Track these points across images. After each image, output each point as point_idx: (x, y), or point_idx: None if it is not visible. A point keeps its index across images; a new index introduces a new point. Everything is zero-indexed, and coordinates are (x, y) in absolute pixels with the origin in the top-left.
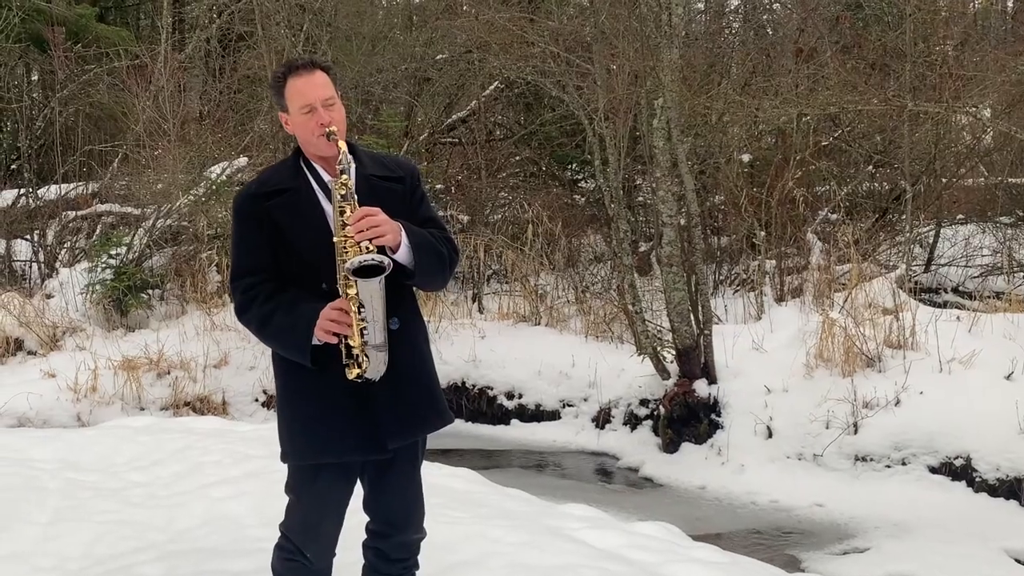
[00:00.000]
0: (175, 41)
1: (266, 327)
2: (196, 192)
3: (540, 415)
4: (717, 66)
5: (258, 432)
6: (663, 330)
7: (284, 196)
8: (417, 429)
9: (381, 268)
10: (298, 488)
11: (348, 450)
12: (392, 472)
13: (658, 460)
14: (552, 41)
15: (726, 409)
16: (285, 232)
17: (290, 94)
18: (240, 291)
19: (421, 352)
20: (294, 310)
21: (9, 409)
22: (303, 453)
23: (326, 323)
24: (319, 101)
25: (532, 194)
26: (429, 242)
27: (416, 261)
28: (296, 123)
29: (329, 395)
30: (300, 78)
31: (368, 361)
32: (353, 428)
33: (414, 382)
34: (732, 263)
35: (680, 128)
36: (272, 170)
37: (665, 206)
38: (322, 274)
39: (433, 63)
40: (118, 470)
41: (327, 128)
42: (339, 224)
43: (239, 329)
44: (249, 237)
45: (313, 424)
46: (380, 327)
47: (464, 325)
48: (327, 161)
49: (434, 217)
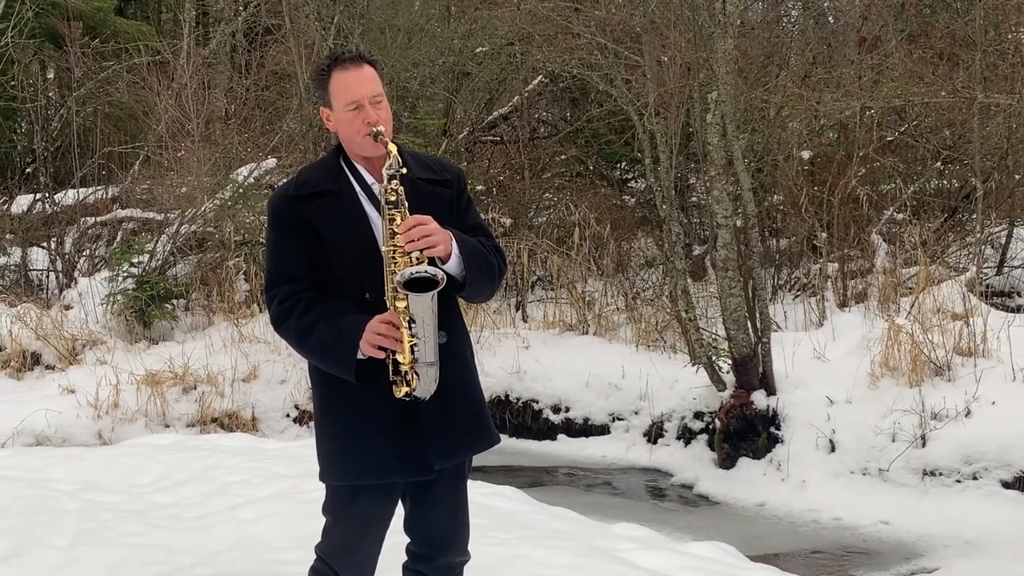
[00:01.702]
0: (198, 36)
1: (307, 340)
2: (222, 196)
3: (588, 429)
4: (775, 57)
5: (289, 450)
6: (719, 338)
7: (325, 199)
8: (464, 449)
9: (434, 282)
10: (336, 508)
11: (392, 471)
12: (436, 491)
13: (714, 476)
14: (599, 32)
15: (786, 422)
16: (325, 238)
17: (335, 88)
18: (277, 301)
19: (468, 367)
20: (337, 322)
21: (26, 427)
22: (344, 473)
23: (374, 337)
24: (367, 98)
25: (579, 195)
26: (480, 252)
27: (467, 272)
28: (340, 120)
29: (372, 412)
30: (347, 71)
31: (418, 379)
32: (397, 448)
33: (461, 399)
34: (792, 267)
35: (735, 123)
36: (310, 170)
37: (720, 207)
38: (365, 284)
39: (473, 56)
40: (141, 491)
41: (374, 128)
42: (388, 233)
43: (269, 341)
44: (286, 243)
45: (355, 443)
46: (432, 343)
47: (507, 335)
48: (371, 162)
49: (482, 224)
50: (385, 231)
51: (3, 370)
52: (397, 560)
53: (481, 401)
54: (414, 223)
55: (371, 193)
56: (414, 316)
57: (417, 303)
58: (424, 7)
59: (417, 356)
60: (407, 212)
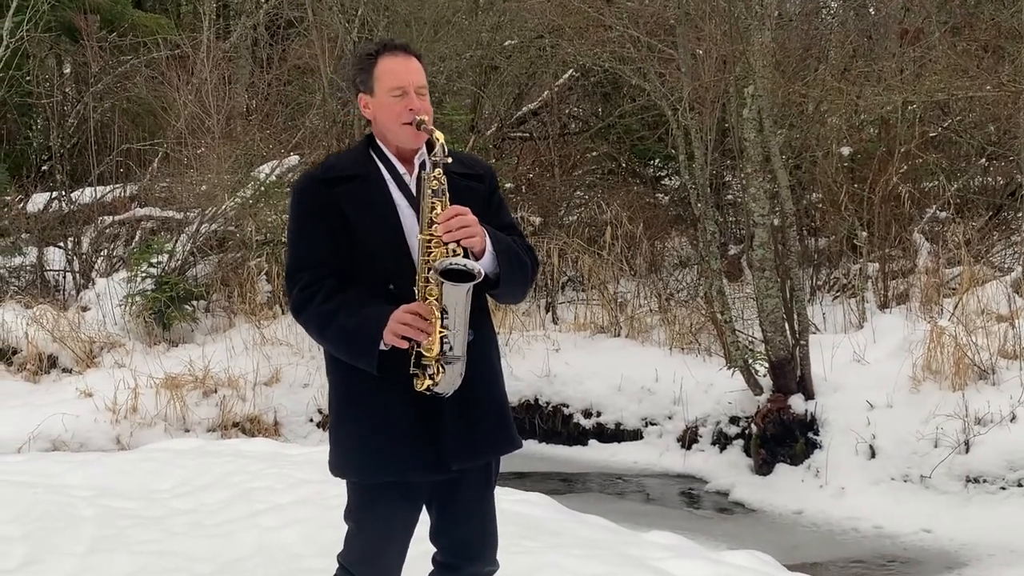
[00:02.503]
0: (219, 29)
1: (327, 328)
2: (243, 194)
3: (620, 435)
4: (813, 50)
5: (312, 455)
6: (755, 341)
7: (352, 184)
8: (485, 451)
9: (471, 275)
10: (358, 514)
11: (410, 469)
12: (463, 497)
13: (750, 483)
14: (632, 24)
15: (825, 427)
16: (351, 223)
17: (381, 73)
18: (298, 287)
19: (493, 368)
20: (360, 310)
21: (43, 432)
22: (361, 470)
23: (399, 326)
24: (413, 87)
25: (610, 193)
26: (513, 250)
27: (500, 270)
28: (381, 105)
29: (391, 407)
30: (396, 59)
31: (443, 373)
32: (416, 445)
33: (485, 400)
34: (831, 267)
35: (773, 119)
36: (338, 156)
37: (757, 205)
38: (390, 273)
39: (501, 50)
40: (160, 497)
41: (417, 116)
42: (426, 221)
43: (292, 343)
44: (310, 227)
45: (375, 439)
46: (461, 338)
47: (537, 337)
48: (403, 152)
49: (514, 224)
50: (424, 219)
51: (19, 373)
52: (422, 571)
53: (505, 404)
54: (454, 213)
55: (401, 181)
56: (447, 307)
57: (452, 294)
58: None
59: (446, 349)
60: (448, 202)
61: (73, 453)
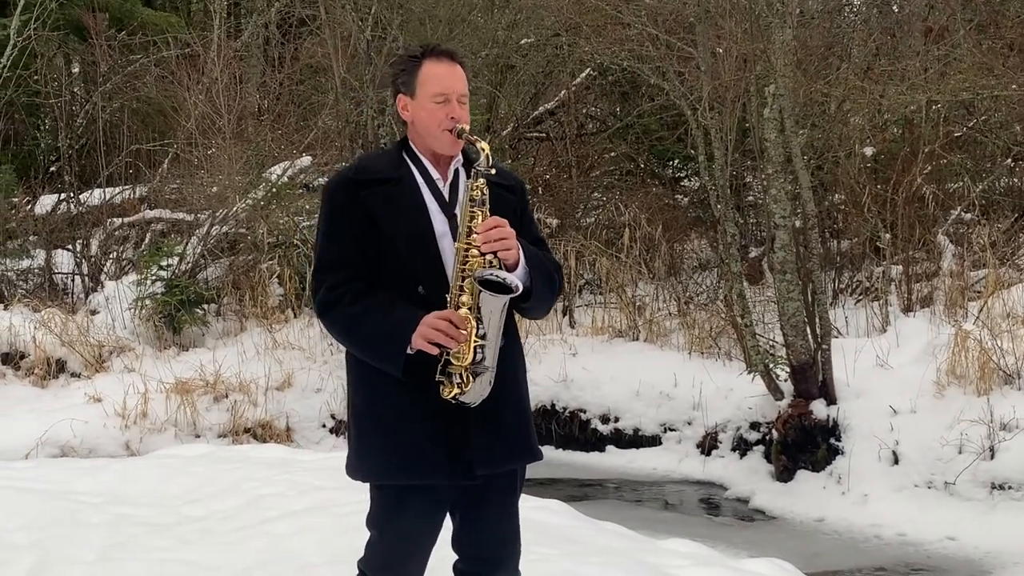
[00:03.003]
0: (230, 27)
1: (355, 330)
2: (255, 195)
3: (638, 440)
4: (836, 48)
5: (325, 461)
6: (776, 345)
7: (384, 186)
8: (508, 458)
9: (509, 288)
10: (380, 519)
11: (433, 471)
12: (487, 504)
13: (771, 490)
14: (650, 22)
15: (847, 432)
16: (381, 225)
17: (425, 77)
18: (326, 287)
19: (519, 378)
20: (390, 313)
21: (51, 437)
22: (382, 471)
23: (430, 332)
24: (455, 94)
25: (629, 194)
26: (545, 266)
27: (531, 284)
28: (422, 109)
29: (416, 410)
30: (441, 64)
31: (471, 383)
32: (440, 449)
33: (510, 408)
34: (853, 269)
35: (794, 118)
36: (371, 157)
37: (778, 206)
38: (420, 276)
39: (517, 48)
40: (171, 503)
41: (458, 124)
42: (465, 230)
43: (304, 348)
44: (340, 228)
45: (396, 440)
46: (494, 349)
47: (553, 341)
48: (437, 157)
49: (543, 239)
50: (462, 227)
51: (27, 378)
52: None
53: (529, 414)
54: (494, 224)
55: (434, 187)
56: (483, 317)
57: (490, 304)
58: None
59: (478, 359)
60: (488, 213)
61: (82, 459)
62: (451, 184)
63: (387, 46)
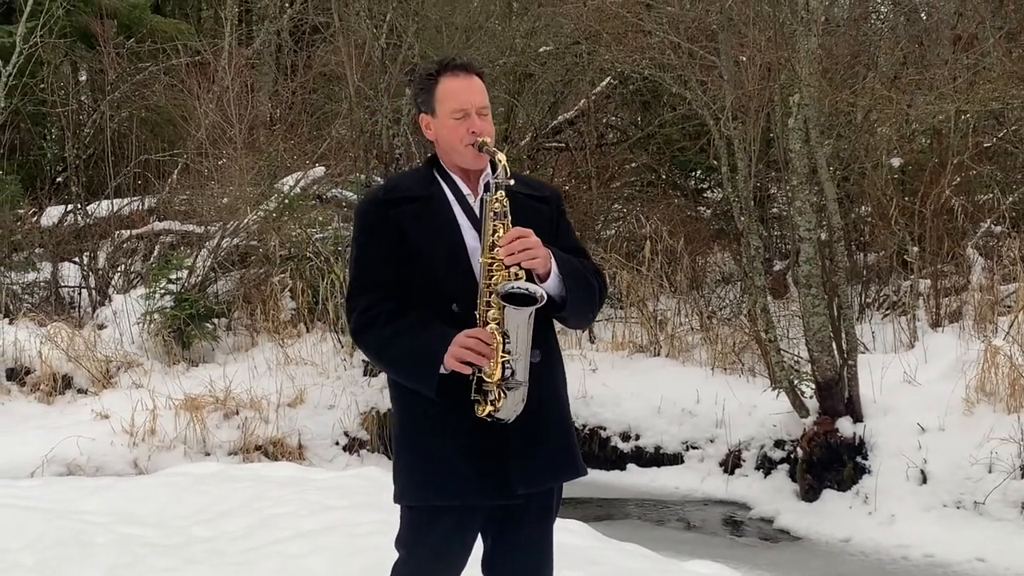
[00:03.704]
0: (241, 35)
1: (388, 351)
2: (266, 207)
3: (660, 459)
4: (862, 56)
5: (338, 480)
6: (801, 361)
7: (415, 204)
8: (549, 476)
9: (533, 298)
10: (410, 539)
11: (472, 492)
12: (522, 526)
13: (795, 509)
14: (672, 29)
15: (874, 451)
16: (413, 244)
17: (442, 95)
18: (359, 310)
19: (559, 391)
20: (422, 334)
21: (57, 455)
22: (418, 493)
23: (460, 351)
24: (474, 108)
25: (650, 206)
26: (580, 272)
27: (567, 293)
28: (443, 126)
29: (452, 430)
30: (457, 79)
31: (504, 399)
32: (479, 469)
33: (550, 423)
34: (880, 283)
35: (820, 129)
36: (402, 176)
37: (803, 218)
38: (453, 294)
39: (536, 56)
40: (179, 523)
41: (479, 138)
42: (488, 244)
43: (316, 363)
44: (373, 249)
45: (435, 462)
46: (524, 362)
47: (573, 356)
48: (466, 173)
49: (581, 247)
50: (485, 242)
51: (32, 394)
52: None
53: (570, 428)
54: (516, 235)
55: (465, 203)
56: (508, 331)
57: (514, 317)
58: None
59: (507, 375)
60: (510, 225)
61: (88, 477)
62: (482, 199)
63: (402, 54)
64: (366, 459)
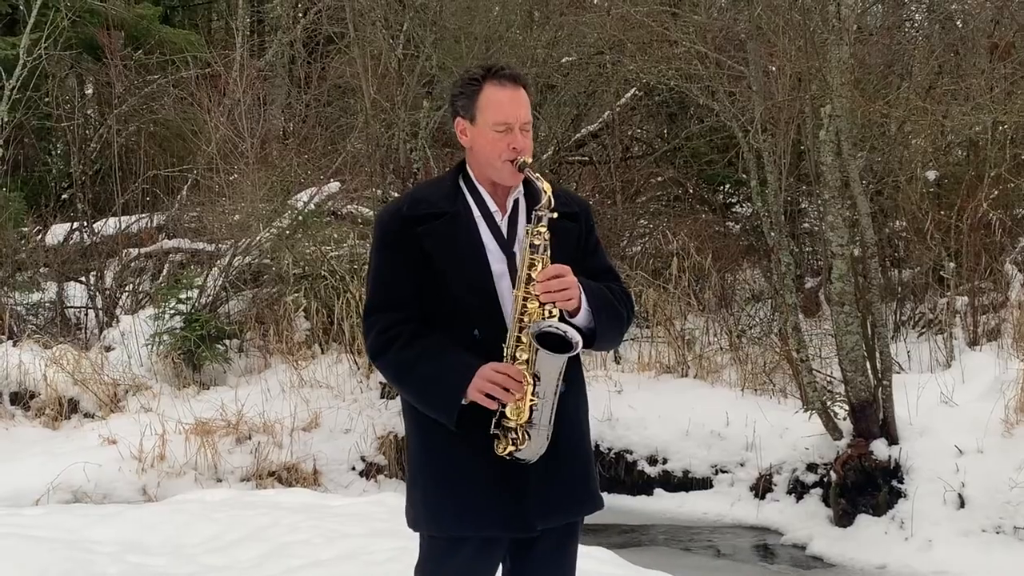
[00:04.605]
0: (253, 46)
1: (407, 376)
2: (279, 224)
3: (688, 483)
4: (896, 66)
5: (355, 507)
6: (834, 381)
7: (439, 221)
8: (569, 511)
9: (568, 344)
10: (430, 567)
11: (491, 524)
12: (543, 551)
13: (829, 535)
14: (699, 39)
15: (910, 474)
16: (436, 264)
17: (486, 103)
18: (377, 329)
19: (582, 423)
20: (444, 360)
21: (63, 482)
22: (438, 522)
23: (486, 384)
24: (519, 122)
25: (677, 221)
26: (610, 303)
27: (596, 327)
28: (482, 137)
29: (471, 459)
30: (504, 89)
31: (528, 441)
32: (499, 501)
33: (571, 457)
34: (916, 301)
35: (852, 141)
36: (425, 188)
37: (835, 234)
38: (475, 318)
39: (558, 67)
40: (190, 552)
41: (522, 157)
42: (524, 277)
43: (332, 385)
44: (392, 266)
45: (454, 492)
46: (551, 406)
47: (597, 378)
48: (495, 187)
49: (611, 267)
50: (521, 275)
51: (37, 419)
52: None
53: (591, 461)
54: (555, 273)
55: (491, 221)
56: (540, 374)
57: (547, 362)
58: (504, 13)
59: (534, 419)
60: (548, 260)
61: (95, 505)
62: (510, 217)
63: (420, 65)
64: (384, 485)
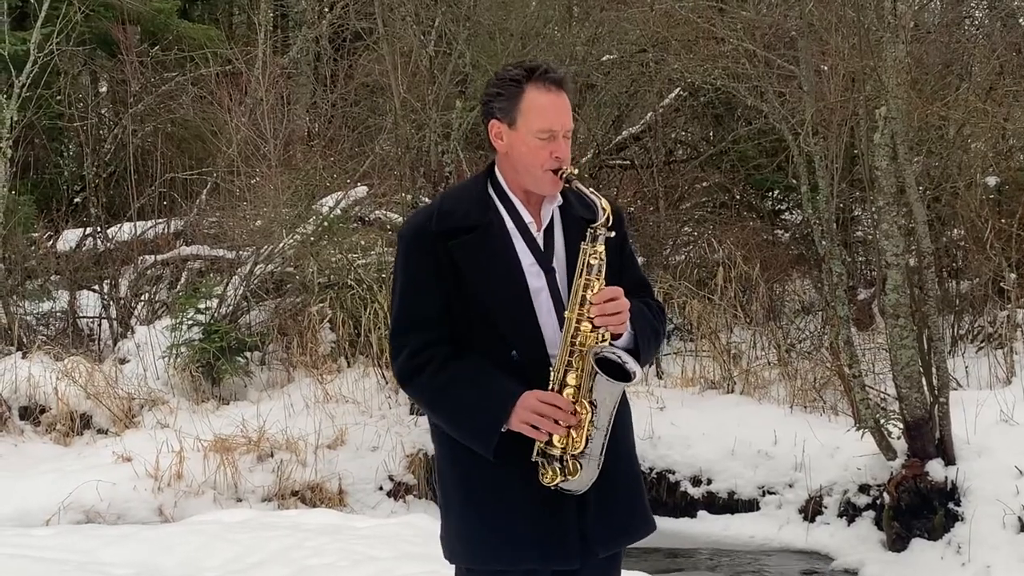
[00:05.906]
0: (276, 42)
1: (441, 401)
2: (304, 230)
3: (734, 505)
4: (955, 66)
5: (382, 528)
6: (888, 398)
7: (471, 235)
8: (623, 537)
9: (627, 375)
10: None
11: (530, 557)
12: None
13: (882, 560)
14: (747, 37)
15: (967, 496)
16: (468, 280)
17: (528, 107)
18: (408, 352)
19: (630, 444)
20: (482, 386)
21: (75, 501)
22: (475, 556)
23: (531, 416)
24: (563, 130)
25: (723, 229)
26: (649, 322)
27: (638, 348)
28: (522, 143)
29: (511, 490)
30: (549, 94)
31: (580, 470)
32: (540, 530)
33: (622, 481)
34: (974, 313)
35: (908, 144)
36: (453, 198)
37: (890, 242)
38: (513, 340)
39: (598, 66)
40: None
41: (566, 169)
42: (578, 298)
43: (359, 401)
44: (421, 284)
45: (490, 522)
46: (604, 436)
47: (639, 394)
48: (529, 197)
49: (645, 281)
50: (575, 297)
51: (48, 434)
52: None
53: (640, 482)
54: (611, 296)
55: (527, 234)
56: (596, 401)
57: (606, 389)
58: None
59: (589, 450)
60: (604, 281)
61: (109, 526)
62: (546, 230)
63: (452, 63)
64: (412, 505)
